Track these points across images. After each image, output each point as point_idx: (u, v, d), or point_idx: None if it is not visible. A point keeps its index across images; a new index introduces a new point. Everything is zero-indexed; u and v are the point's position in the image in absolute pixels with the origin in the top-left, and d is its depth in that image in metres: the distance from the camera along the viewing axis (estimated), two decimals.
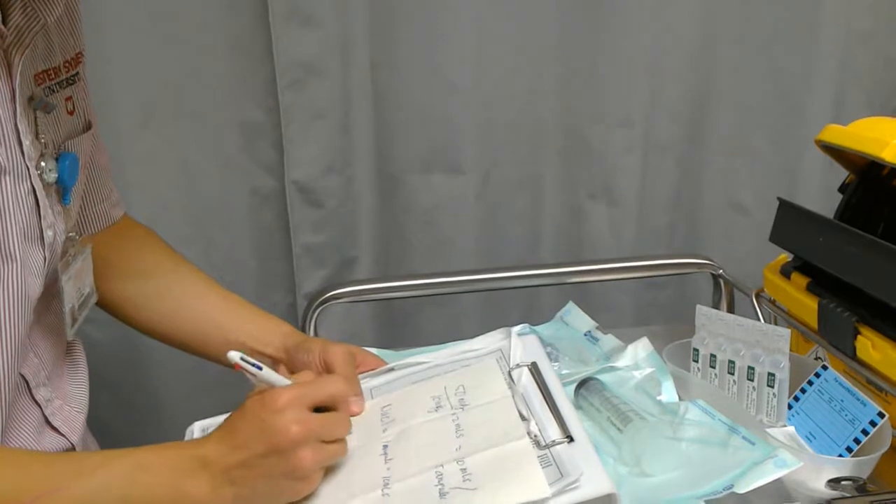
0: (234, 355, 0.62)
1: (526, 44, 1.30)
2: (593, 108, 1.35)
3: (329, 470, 0.63)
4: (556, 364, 0.87)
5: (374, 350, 0.83)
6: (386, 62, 1.28)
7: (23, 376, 0.66)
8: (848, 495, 0.64)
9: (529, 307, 1.43)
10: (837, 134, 0.85)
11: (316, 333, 1.00)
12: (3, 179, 0.59)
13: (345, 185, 1.32)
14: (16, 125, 0.61)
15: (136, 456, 0.59)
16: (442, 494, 0.59)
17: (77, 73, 0.71)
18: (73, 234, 0.71)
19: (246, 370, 0.63)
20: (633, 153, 1.38)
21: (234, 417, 0.61)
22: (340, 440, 0.63)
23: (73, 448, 0.71)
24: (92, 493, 0.56)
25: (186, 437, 0.74)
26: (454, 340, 0.83)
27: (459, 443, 0.65)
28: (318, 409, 0.63)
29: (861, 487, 0.65)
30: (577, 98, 1.35)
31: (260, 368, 0.63)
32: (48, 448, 0.69)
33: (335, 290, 0.99)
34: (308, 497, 0.62)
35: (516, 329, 0.79)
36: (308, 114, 1.26)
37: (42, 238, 0.64)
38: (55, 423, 0.70)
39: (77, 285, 0.72)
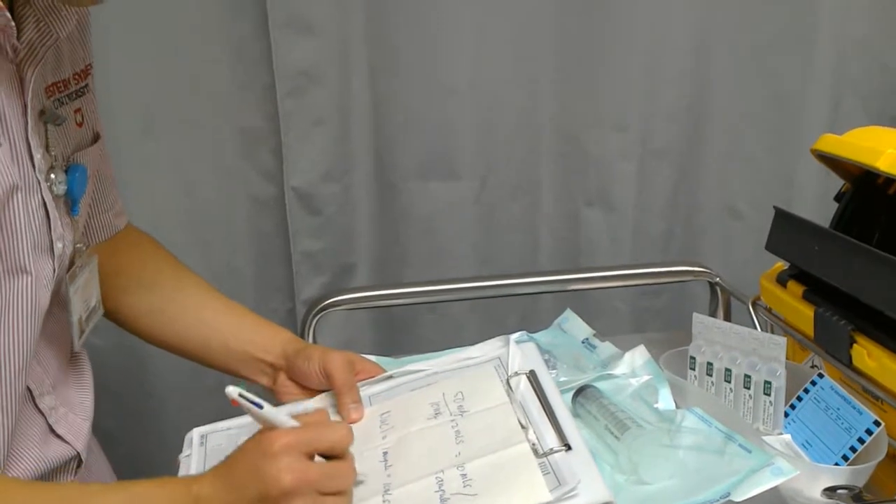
0: (233, 391, 0.58)
1: (523, 50, 1.31)
2: (590, 114, 1.36)
3: None
4: (554, 371, 0.87)
5: (372, 357, 0.84)
6: (384, 68, 1.28)
7: (27, 385, 0.67)
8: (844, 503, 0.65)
9: (527, 314, 1.43)
10: (833, 143, 0.86)
11: (315, 340, 1.00)
12: (15, 196, 0.59)
13: (343, 192, 1.33)
14: (27, 139, 0.61)
15: (130, 489, 0.58)
16: (443, 500, 0.59)
17: (86, 85, 0.71)
18: (81, 245, 0.71)
19: (245, 407, 0.58)
20: (630, 159, 1.39)
21: (232, 457, 0.59)
22: (342, 493, 0.59)
23: (77, 456, 0.72)
24: None
25: (186, 444, 0.74)
26: (452, 347, 0.83)
27: (459, 449, 0.65)
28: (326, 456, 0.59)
29: (857, 496, 0.66)
30: (575, 103, 1.35)
31: (260, 407, 0.58)
32: (53, 457, 0.69)
33: (335, 297, 1.00)
34: None
35: (514, 337, 0.79)
36: (307, 121, 1.27)
37: (52, 250, 0.65)
38: (60, 432, 0.70)
39: (84, 296, 0.72)
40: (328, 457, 0.59)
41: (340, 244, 1.35)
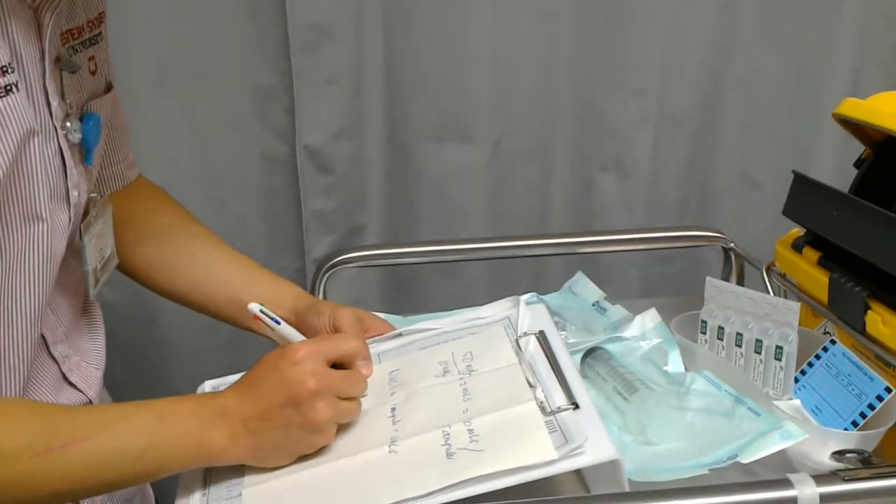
0: (255, 307, 0.64)
1: (543, 11, 1.29)
2: (608, 78, 1.34)
3: (338, 430, 0.64)
4: (564, 333, 0.87)
5: (382, 315, 0.84)
6: (399, 27, 1.26)
7: (41, 333, 0.67)
8: (852, 467, 0.65)
9: (537, 277, 1.43)
10: (855, 108, 0.84)
11: (325, 298, 1.00)
12: (32, 141, 0.59)
13: (355, 152, 1.32)
14: (44, 86, 0.61)
15: (156, 406, 0.60)
16: (449, 455, 0.60)
17: (100, 33, 0.71)
18: (95, 194, 0.71)
19: (264, 322, 0.64)
20: (647, 125, 1.37)
21: (253, 371, 0.63)
22: (355, 398, 0.65)
23: (90, 403, 0.72)
24: (116, 441, 0.58)
25: None
26: (461, 308, 0.83)
27: (466, 405, 0.65)
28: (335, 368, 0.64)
29: (866, 460, 0.66)
30: (593, 67, 1.33)
31: (278, 323, 0.64)
32: (66, 403, 0.70)
33: (345, 254, 0.99)
34: (318, 452, 0.62)
35: (524, 298, 0.79)
36: (320, 78, 1.26)
37: (68, 198, 0.65)
38: (73, 379, 0.71)
39: (98, 246, 0.72)
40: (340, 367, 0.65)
41: (351, 204, 1.34)
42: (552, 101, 1.35)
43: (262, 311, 0.64)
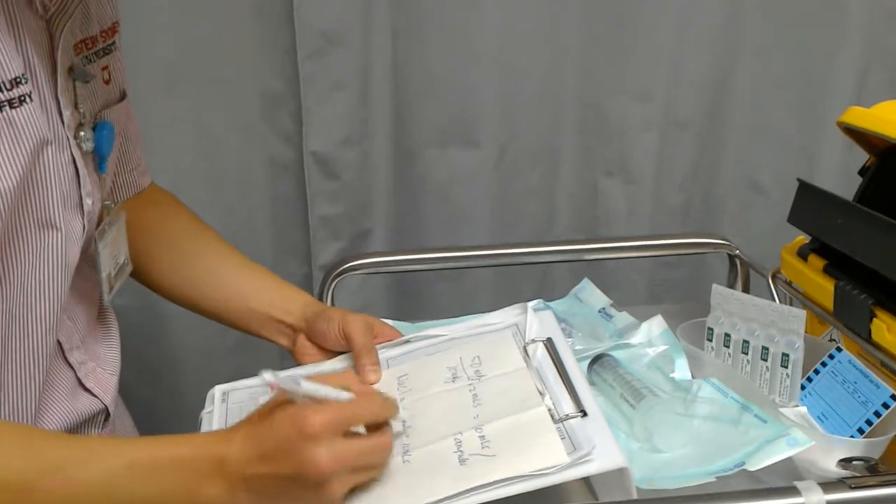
0: (268, 376, 0.57)
1: (548, 16, 1.29)
2: (614, 82, 1.35)
3: None
4: (570, 340, 0.87)
5: (390, 322, 0.84)
6: (407, 32, 1.27)
7: (57, 340, 0.68)
8: (859, 475, 0.65)
9: (543, 283, 1.43)
10: (860, 116, 0.84)
11: (332, 304, 1.01)
12: (46, 150, 0.60)
13: (362, 158, 1.32)
14: (56, 96, 0.62)
15: (152, 451, 0.57)
16: (461, 461, 0.60)
17: (113, 43, 0.72)
18: (108, 202, 0.72)
19: (286, 389, 0.56)
20: (652, 130, 1.38)
21: (263, 427, 0.57)
22: (375, 468, 0.59)
23: (106, 409, 0.73)
24: (103, 486, 0.55)
25: (207, 400, 0.75)
26: (468, 315, 0.83)
27: (477, 412, 0.66)
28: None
29: (872, 468, 0.66)
30: (599, 72, 1.34)
31: (297, 383, 0.56)
32: (82, 409, 0.70)
33: (353, 261, 1.00)
34: None
35: (532, 304, 0.79)
36: (327, 84, 1.26)
37: (81, 206, 0.65)
38: (88, 385, 0.72)
39: (112, 253, 0.73)
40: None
41: (358, 210, 1.35)
42: (558, 105, 1.35)
43: (276, 378, 0.56)
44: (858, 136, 0.87)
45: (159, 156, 1.23)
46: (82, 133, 0.64)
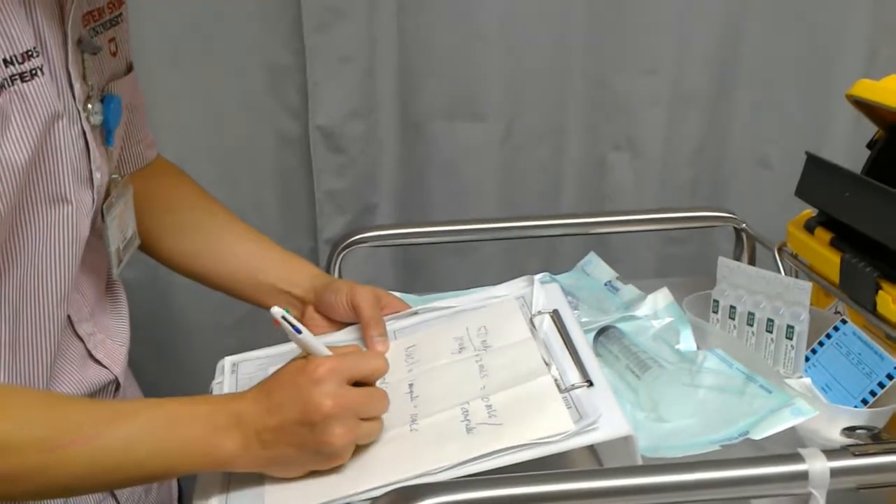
0: (277, 311, 0.60)
1: None
2: (621, 56, 1.34)
3: None
4: (576, 312, 0.87)
5: (398, 294, 0.85)
6: (413, 5, 1.26)
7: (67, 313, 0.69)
8: (862, 443, 0.66)
9: (550, 256, 1.43)
10: (869, 89, 0.84)
11: (340, 277, 1.01)
12: (57, 124, 0.60)
13: (368, 132, 1.32)
14: (67, 68, 0.62)
15: (170, 407, 0.59)
16: (468, 430, 0.61)
17: (120, 14, 0.71)
18: (116, 175, 0.72)
19: (286, 329, 0.61)
20: (659, 104, 1.37)
21: (272, 380, 0.61)
22: (376, 418, 0.62)
23: (116, 380, 0.74)
24: (125, 441, 0.57)
25: (217, 371, 0.76)
26: (475, 288, 0.84)
27: (483, 382, 0.66)
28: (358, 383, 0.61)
29: (875, 436, 0.67)
30: (605, 45, 1.33)
31: (299, 332, 0.61)
32: (92, 380, 0.71)
33: (360, 233, 1.00)
34: None
35: (538, 277, 0.80)
36: (334, 57, 1.26)
37: (91, 180, 0.66)
38: (98, 356, 0.72)
39: (120, 226, 0.73)
40: (362, 385, 0.62)
41: (364, 184, 1.35)
42: (564, 80, 1.35)
43: (283, 318, 0.60)
44: (867, 108, 0.86)
45: (165, 129, 1.23)
46: (90, 106, 0.64)
